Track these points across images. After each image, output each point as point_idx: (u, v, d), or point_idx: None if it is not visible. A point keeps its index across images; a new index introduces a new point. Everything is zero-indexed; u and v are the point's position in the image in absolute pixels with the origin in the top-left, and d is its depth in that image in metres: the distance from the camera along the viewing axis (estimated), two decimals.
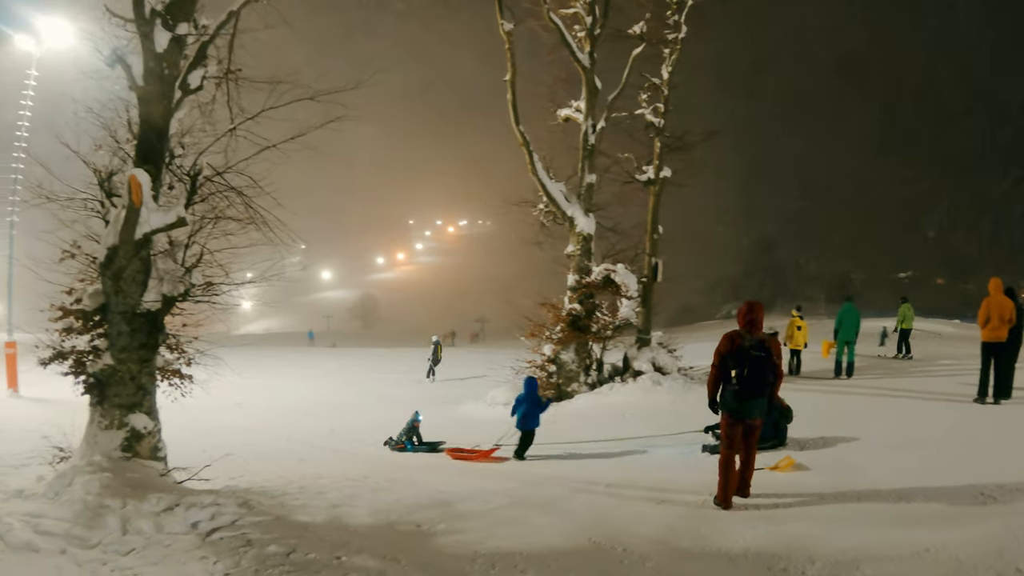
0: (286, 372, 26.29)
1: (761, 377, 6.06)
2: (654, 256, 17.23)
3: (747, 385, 6.06)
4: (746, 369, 6.04)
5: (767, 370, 6.07)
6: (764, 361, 6.05)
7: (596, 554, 5.24)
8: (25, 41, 17.72)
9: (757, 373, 6.05)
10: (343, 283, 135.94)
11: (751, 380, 6.06)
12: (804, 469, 7.39)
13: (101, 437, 6.98)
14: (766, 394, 6.14)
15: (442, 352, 25.07)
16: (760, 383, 6.07)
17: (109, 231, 6.95)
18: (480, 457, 10.25)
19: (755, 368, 6.04)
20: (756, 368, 6.04)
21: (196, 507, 6.14)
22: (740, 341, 6.13)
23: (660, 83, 17.10)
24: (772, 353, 6.12)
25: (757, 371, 6.05)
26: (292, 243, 8.83)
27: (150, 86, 6.98)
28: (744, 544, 5.14)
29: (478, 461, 10.12)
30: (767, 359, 6.07)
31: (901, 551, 4.69)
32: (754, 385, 6.06)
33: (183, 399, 8.91)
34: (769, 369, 6.08)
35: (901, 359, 18.54)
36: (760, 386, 6.08)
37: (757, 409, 6.18)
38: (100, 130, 7.81)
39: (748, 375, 6.05)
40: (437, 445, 11.52)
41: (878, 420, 10.12)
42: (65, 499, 6.06)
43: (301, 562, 5.15)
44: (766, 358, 6.06)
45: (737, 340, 6.14)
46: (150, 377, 7.46)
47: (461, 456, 10.40)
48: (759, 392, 6.10)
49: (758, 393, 6.10)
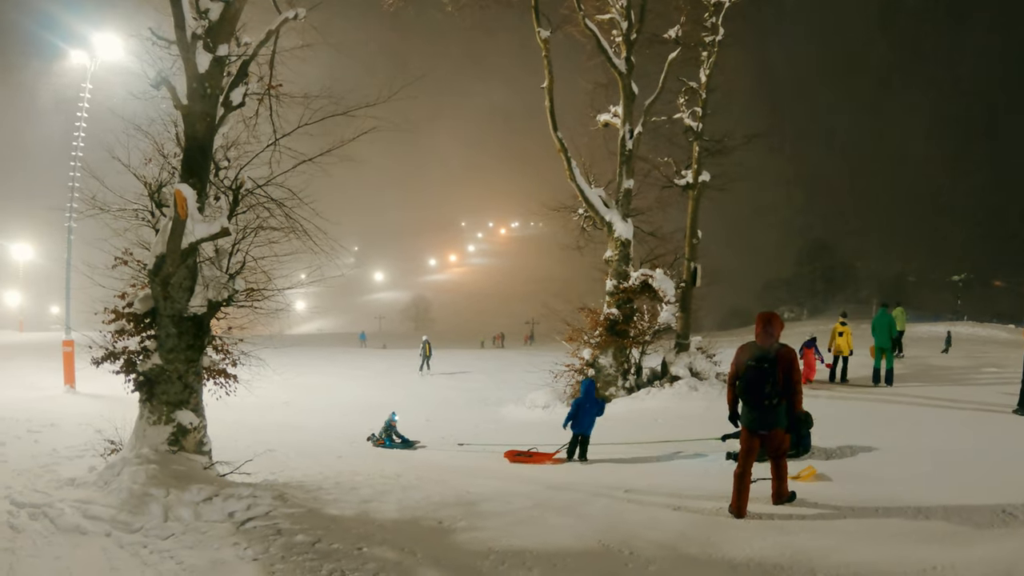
0: (335, 372, 26.97)
1: (756, 388, 6.02)
2: (693, 261, 17.17)
3: (744, 395, 6.10)
4: (741, 380, 6.10)
5: (764, 381, 5.99)
6: (762, 372, 6.00)
7: (603, 556, 5.38)
8: (80, 56, 18.86)
9: (751, 383, 6.04)
10: (396, 284, 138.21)
11: (745, 391, 6.08)
12: (825, 480, 7.32)
13: (149, 431, 7.52)
14: (763, 406, 6.05)
15: (431, 350, 28.69)
16: (755, 394, 6.03)
17: (157, 240, 7.47)
18: (540, 460, 10.29)
19: (750, 379, 6.04)
20: (751, 378, 6.04)
21: (234, 498, 6.59)
22: (744, 354, 6.15)
23: (698, 87, 17.05)
24: (777, 364, 6.02)
25: (752, 381, 6.04)
26: (332, 251, 9.21)
27: (194, 104, 7.47)
28: (749, 553, 5.19)
29: (537, 463, 10.18)
30: (769, 370, 6.00)
31: (907, 568, 4.67)
32: (748, 396, 6.07)
33: (234, 397, 9.47)
34: (767, 380, 5.99)
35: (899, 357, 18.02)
36: (755, 396, 6.04)
37: (759, 422, 6.13)
38: (149, 144, 8.37)
39: (743, 386, 6.09)
40: (413, 444, 12.45)
41: (909, 430, 9.94)
42: (113, 487, 6.60)
43: (325, 551, 5.54)
44: (768, 369, 6.00)
45: (742, 352, 6.17)
46: (196, 376, 7.96)
47: (520, 459, 10.41)
48: (754, 402, 6.07)
49: (753, 403, 6.07)
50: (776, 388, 6.02)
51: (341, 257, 10.69)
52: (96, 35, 18.36)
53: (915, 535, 5.39)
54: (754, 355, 6.09)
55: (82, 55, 18.78)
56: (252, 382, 9.38)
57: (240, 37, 7.94)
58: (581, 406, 10.24)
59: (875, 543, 5.27)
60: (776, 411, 6.09)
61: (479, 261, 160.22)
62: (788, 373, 6.05)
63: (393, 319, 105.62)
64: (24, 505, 6.44)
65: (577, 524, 6.22)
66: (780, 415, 6.12)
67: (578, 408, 10.24)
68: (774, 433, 6.20)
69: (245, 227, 8.67)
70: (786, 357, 6.08)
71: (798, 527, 5.78)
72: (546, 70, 16.13)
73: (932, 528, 5.54)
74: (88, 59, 18.59)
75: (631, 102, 16.53)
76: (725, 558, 5.16)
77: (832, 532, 5.59)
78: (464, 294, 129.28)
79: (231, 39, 7.68)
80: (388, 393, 21.00)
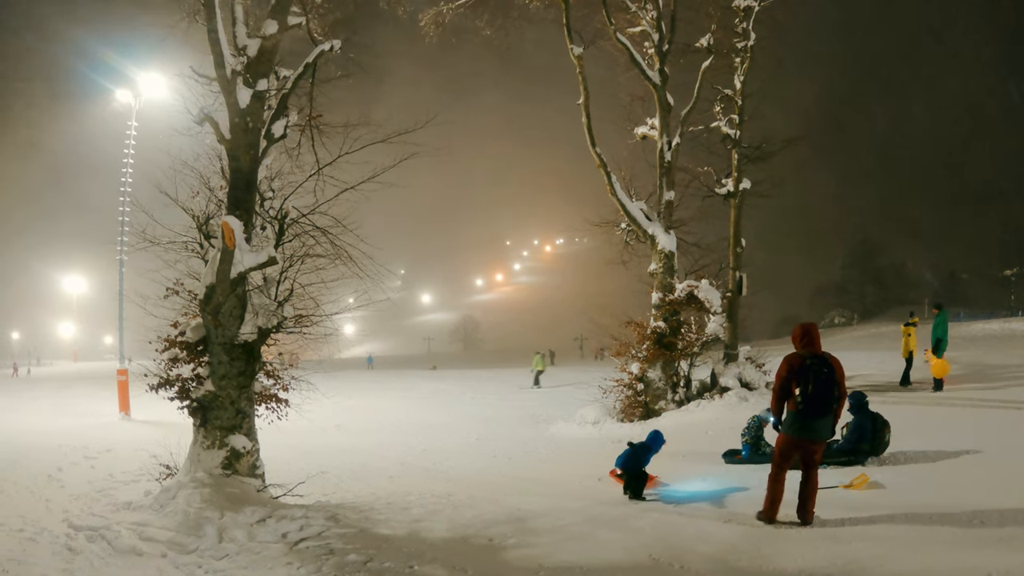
0: (385, 394, 27.27)
1: (828, 394, 5.94)
2: (738, 270, 16.93)
3: (812, 403, 5.94)
4: (810, 386, 5.93)
5: (832, 387, 5.94)
6: (829, 378, 5.93)
7: (654, 570, 5.33)
8: (126, 95, 19.80)
9: (822, 390, 5.93)
10: (443, 306, 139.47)
11: (815, 398, 5.93)
12: (879, 487, 7.14)
13: (203, 456, 7.76)
14: (832, 412, 6.01)
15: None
16: (826, 401, 5.94)
17: (207, 271, 7.75)
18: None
19: (820, 385, 5.92)
20: (821, 385, 5.92)
21: (287, 519, 6.73)
22: (802, 360, 6.02)
23: (733, 94, 16.91)
24: (835, 371, 5.98)
25: (822, 388, 5.92)
26: (378, 275, 9.39)
27: (237, 139, 7.77)
28: (801, 564, 5.08)
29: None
30: (831, 375, 5.94)
31: (961, 573, 4.57)
32: (819, 403, 5.94)
33: (286, 422, 9.66)
34: (835, 386, 5.95)
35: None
36: (826, 403, 5.95)
37: (823, 430, 6.05)
38: (196, 178, 8.71)
39: (813, 392, 5.92)
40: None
41: (963, 434, 9.52)
42: (169, 510, 6.82)
43: (377, 569, 5.62)
44: (830, 374, 5.94)
45: (798, 360, 6.04)
46: (248, 402, 8.20)
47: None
48: (825, 410, 5.97)
49: (824, 410, 5.97)
50: (840, 392, 6.02)
51: (387, 281, 10.87)
52: (141, 75, 19.33)
53: (970, 541, 5.27)
54: (817, 361, 5.99)
55: (128, 94, 19.78)
56: (303, 406, 9.56)
57: (279, 71, 8.24)
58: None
59: (929, 550, 5.13)
60: (831, 418, 6.07)
61: (526, 279, 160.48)
62: (842, 378, 6.05)
63: (442, 340, 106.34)
64: (82, 528, 6.72)
65: (627, 539, 6.14)
66: (831, 423, 6.10)
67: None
68: (820, 446, 6.20)
69: (292, 255, 8.91)
70: (839, 362, 6.08)
71: (851, 535, 5.66)
72: (581, 86, 16.18)
73: (987, 534, 5.41)
74: (133, 98, 19.56)
75: (667, 113, 16.47)
76: (777, 570, 5.07)
77: (886, 540, 5.46)
78: (513, 313, 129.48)
79: (270, 73, 7.99)
80: (438, 413, 21.04)
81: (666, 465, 9.28)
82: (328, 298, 9.62)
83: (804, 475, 6.17)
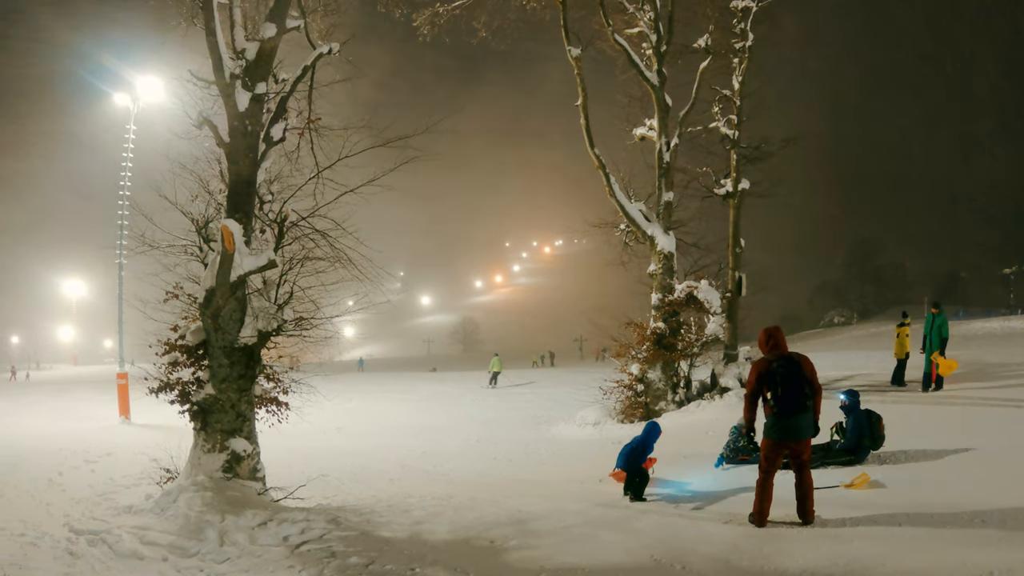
0: (385, 397, 27.20)
1: (798, 393, 5.97)
2: (737, 270, 16.93)
3: (784, 404, 5.98)
4: (780, 388, 5.97)
5: (801, 385, 5.97)
6: (798, 377, 5.97)
7: (655, 571, 5.32)
8: (123, 99, 19.78)
9: (792, 390, 5.96)
10: (443, 308, 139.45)
11: (786, 399, 5.97)
12: (880, 487, 7.14)
13: (204, 459, 7.76)
14: (808, 409, 6.02)
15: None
16: (798, 400, 5.97)
17: (207, 274, 7.76)
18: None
19: (789, 386, 5.96)
20: (790, 386, 5.96)
21: (288, 522, 6.73)
22: (768, 364, 6.07)
23: (731, 94, 16.92)
24: (803, 368, 6.01)
25: (792, 388, 5.96)
26: (377, 278, 9.38)
27: (236, 142, 7.77)
28: (802, 563, 5.09)
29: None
30: (799, 374, 5.98)
31: (964, 573, 4.56)
32: (791, 403, 5.97)
33: (287, 424, 9.65)
34: (804, 383, 5.98)
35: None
36: (799, 402, 5.98)
37: (804, 429, 6.06)
38: (195, 182, 8.71)
39: (783, 393, 5.96)
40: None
41: (966, 433, 9.49)
42: (170, 514, 6.82)
43: (379, 572, 5.62)
44: (798, 374, 5.98)
45: (764, 365, 6.09)
46: (249, 405, 8.19)
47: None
48: (799, 408, 5.99)
49: (799, 409, 5.99)
50: (811, 389, 6.04)
51: (387, 283, 10.87)
52: (140, 79, 19.31)
53: (972, 540, 5.27)
54: (780, 363, 6.04)
55: (126, 98, 19.76)
56: (303, 409, 9.56)
57: (278, 74, 8.24)
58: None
59: (931, 549, 5.13)
60: (810, 416, 6.07)
61: (525, 280, 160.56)
62: (813, 375, 6.08)
63: (442, 342, 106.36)
64: (83, 532, 6.72)
65: (629, 540, 6.14)
66: (811, 421, 6.10)
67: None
68: (805, 444, 6.17)
69: (291, 258, 8.90)
70: (808, 360, 6.12)
71: (852, 535, 5.66)
72: (579, 87, 16.15)
73: (989, 533, 5.42)
74: (131, 102, 19.54)
75: (666, 114, 16.45)
76: (778, 569, 5.07)
77: (887, 539, 5.46)
78: (513, 314, 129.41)
79: (268, 77, 7.99)
80: (437, 416, 20.99)
81: (667, 465, 9.29)
82: (328, 301, 9.64)
83: (797, 476, 6.17)
